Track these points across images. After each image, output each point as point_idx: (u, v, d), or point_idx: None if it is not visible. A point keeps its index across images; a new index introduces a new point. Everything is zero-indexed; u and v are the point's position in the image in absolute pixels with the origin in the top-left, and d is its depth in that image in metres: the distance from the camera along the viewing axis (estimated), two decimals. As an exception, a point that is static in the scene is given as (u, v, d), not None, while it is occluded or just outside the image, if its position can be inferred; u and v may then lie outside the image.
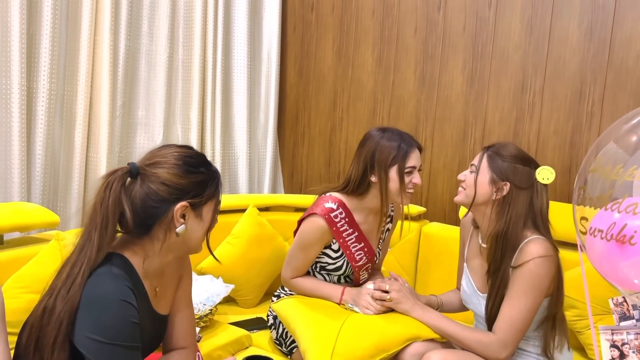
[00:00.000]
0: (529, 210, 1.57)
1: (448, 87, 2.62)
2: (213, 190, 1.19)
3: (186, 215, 1.15)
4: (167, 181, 1.12)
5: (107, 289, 1.05)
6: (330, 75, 2.95)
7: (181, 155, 1.16)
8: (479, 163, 1.63)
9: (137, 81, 2.48)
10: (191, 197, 1.14)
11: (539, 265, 1.50)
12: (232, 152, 2.87)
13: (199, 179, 1.16)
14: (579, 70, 2.32)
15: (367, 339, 1.57)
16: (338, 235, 1.81)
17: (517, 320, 1.51)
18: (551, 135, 2.39)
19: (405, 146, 1.76)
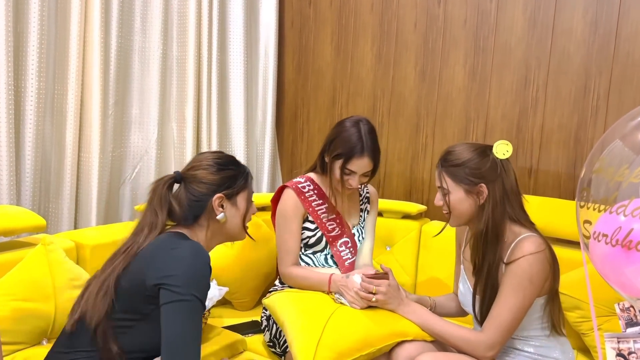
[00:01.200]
0: (504, 195, 1.53)
1: (449, 83, 2.56)
2: (243, 182, 1.46)
3: (224, 204, 1.41)
4: (204, 179, 1.40)
5: (199, 247, 1.30)
6: (329, 71, 2.90)
7: (213, 158, 1.44)
8: (442, 183, 1.58)
9: (130, 79, 2.43)
10: (224, 189, 1.41)
11: (531, 263, 1.46)
12: (229, 150, 2.82)
13: (229, 174, 1.43)
14: (584, 63, 2.26)
15: (354, 332, 1.55)
16: (307, 204, 1.89)
17: (506, 319, 1.47)
18: (555, 130, 2.34)
19: (355, 151, 1.81)
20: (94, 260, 1.73)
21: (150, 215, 1.38)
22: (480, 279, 1.55)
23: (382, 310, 1.63)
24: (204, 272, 1.28)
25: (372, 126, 1.87)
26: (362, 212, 2.04)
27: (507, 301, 1.47)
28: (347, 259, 1.91)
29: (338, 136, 1.85)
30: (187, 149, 2.57)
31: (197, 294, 1.22)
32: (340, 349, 1.51)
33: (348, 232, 1.94)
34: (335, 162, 1.85)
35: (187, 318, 1.21)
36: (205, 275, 1.28)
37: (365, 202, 2.06)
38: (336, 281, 1.74)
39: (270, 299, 1.76)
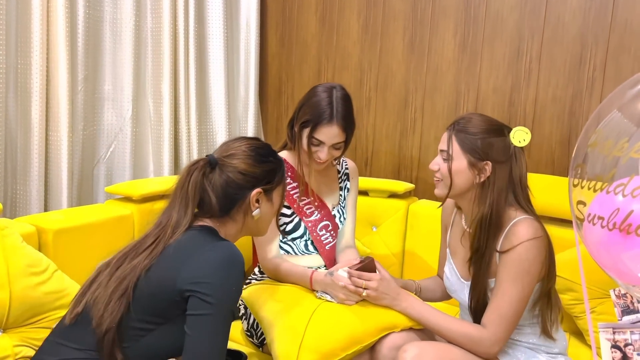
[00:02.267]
0: (509, 183, 1.43)
1: (439, 54, 2.45)
2: (280, 177, 1.36)
3: (260, 200, 1.32)
4: (244, 171, 1.28)
5: (237, 253, 1.19)
6: (314, 44, 2.77)
7: (253, 147, 1.33)
8: (449, 148, 1.46)
9: (101, 52, 2.30)
10: (264, 183, 1.31)
11: (529, 250, 1.37)
12: (209, 128, 2.70)
13: (269, 167, 1.33)
14: (579, 32, 2.15)
15: (339, 330, 1.44)
16: (288, 197, 1.74)
17: (507, 312, 1.38)
18: (549, 103, 2.24)
19: (323, 117, 1.65)
20: (58, 246, 1.62)
21: (180, 205, 1.24)
22: (479, 269, 1.44)
23: (367, 304, 1.52)
24: (239, 279, 1.18)
25: (346, 93, 1.73)
26: (341, 190, 1.89)
27: (507, 293, 1.37)
28: (328, 242, 1.80)
29: (308, 101, 1.70)
30: (165, 126, 2.45)
31: (230, 305, 1.15)
32: (324, 350, 1.41)
33: (328, 214, 1.81)
34: (303, 130, 1.69)
35: (215, 332, 1.13)
36: (239, 284, 1.19)
37: (345, 180, 1.91)
38: (319, 281, 1.59)
39: (247, 291, 1.65)
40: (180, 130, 2.54)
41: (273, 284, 1.69)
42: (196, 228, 1.26)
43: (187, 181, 1.26)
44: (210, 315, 1.11)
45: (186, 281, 1.13)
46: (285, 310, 1.52)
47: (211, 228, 1.28)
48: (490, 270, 1.44)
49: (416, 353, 1.36)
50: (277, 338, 1.46)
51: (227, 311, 1.14)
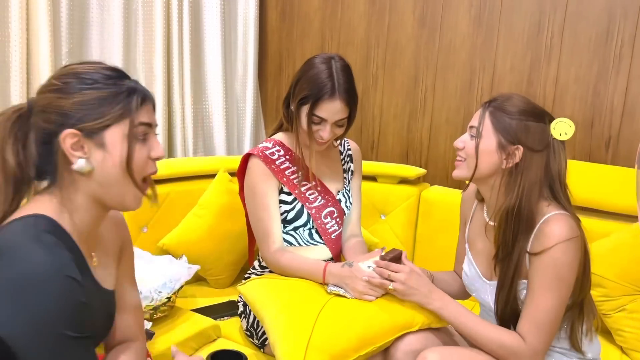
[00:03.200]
0: (544, 176, 1.28)
1: (452, 29, 2.30)
2: (118, 109, 0.94)
3: (85, 146, 0.93)
4: (47, 106, 0.93)
5: (41, 261, 0.83)
6: (317, 18, 2.60)
7: (70, 73, 0.95)
8: (480, 124, 1.31)
9: (87, 24, 2.13)
10: (79, 121, 0.92)
11: (565, 252, 1.21)
12: (205, 107, 2.54)
13: (90, 97, 0.93)
14: (607, 4, 2.01)
15: (351, 328, 1.30)
16: (280, 174, 1.61)
17: (544, 321, 1.23)
18: (571, 83, 2.10)
19: (324, 91, 1.50)
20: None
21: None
22: (508, 270, 1.29)
23: (382, 300, 1.38)
24: (47, 303, 0.81)
25: (346, 63, 1.58)
26: (345, 173, 1.75)
27: (543, 301, 1.23)
28: (334, 231, 1.65)
29: (305, 75, 1.54)
30: (157, 105, 2.29)
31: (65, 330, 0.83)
32: (334, 351, 1.26)
33: (332, 199, 1.66)
34: (301, 108, 1.54)
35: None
36: (65, 306, 0.83)
37: (348, 161, 1.76)
38: (335, 273, 1.43)
39: (246, 286, 1.49)
40: (174, 110, 2.39)
41: (275, 277, 1.54)
42: (22, 218, 0.91)
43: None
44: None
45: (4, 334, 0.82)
46: (289, 307, 1.37)
47: (39, 218, 0.91)
48: (521, 271, 1.29)
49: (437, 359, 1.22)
50: (280, 338, 1.31)
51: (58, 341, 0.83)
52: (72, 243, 0.94)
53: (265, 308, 1.39)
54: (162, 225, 1.89)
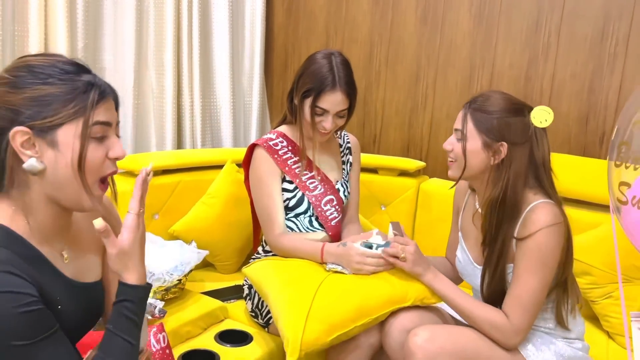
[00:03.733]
0: (530, 165, 1.35)
1: (453, 27, 2.35)
2: (72, 107, 0.87)
3: (37, 144, 0.87)
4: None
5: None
6: (322, 15, 2.67)
7: (22, 66, 0.88)
8: (463, 127, 1.38)
9: (101, 20, 2.20)
10: (30, 118, 0.86)
11: (548, 237, 1.29)
12: (213, 101, 2.62)
13: (42, 93, 0.86)
14: (603, 5, 2.05)
15: (348, 300, 1.39)
16: (283, 164, 1.68)
17: (528, 302, 1.31)
18: (568, 79, 2.15)
19: (326, 84, 1.59)
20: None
21: None
22: (492, 253, 1.38)
23: (376, 276, 1.47)
24: (7, 322, 0.80)
25: (345, 58, 1.67)
26: (344, 164, 1.84)
27: (528, 283, 1.31)
28: (334, 218, 1.74)
29: (307, 69, 1.63)
30: (167, 99, 2.37)
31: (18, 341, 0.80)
32: (332, 321, 1.36)
33: (332, 188, 1.75)
34: (304, 101, 1.63)
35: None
36: (9, 321, 0.80)
37: (347, 153, 1.85)
38: (332, 252, 1.53)
39: (251, 268, 1.59)
40: (183, 103, 2.46)
41: (277, 259, 1.63)
42: None
43: None
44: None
45: None
46: (291, 283, 1.46)
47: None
48: (508, 256, 1.37)
49: (427, 337, 1.31)
50: (283, 310, 1.40)
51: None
52: (28, 247, 0.90)
53: (268, 286, 1.48)
54: (173, 212, 1.98)
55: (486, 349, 1.34)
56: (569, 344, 1.43)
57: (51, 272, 0.94)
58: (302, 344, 1.32)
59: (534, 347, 1.39)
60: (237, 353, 1.53)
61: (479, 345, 1.34)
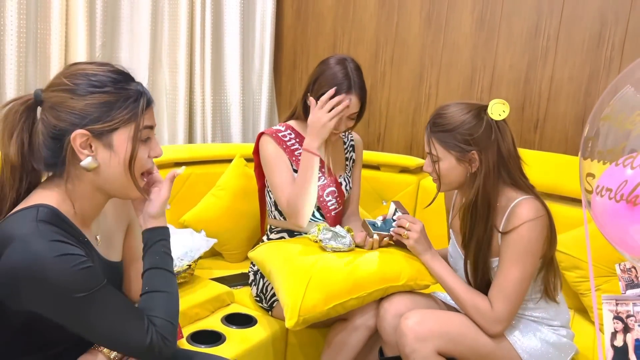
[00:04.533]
0: (499, 160, 1.41)
1: (456, 30, 2.43)
2: (126, 113, 1.00)
3: (93, 145, 0.99)
4: (58, 106, 0.97)
5: (38, 252, 0.92)
6: (330, 16, 2.76)
7: (79, 74, 0.99)
8: (432, 149, 1.45)
9: (118, 20, 2.31)
10: (90, 122, 0.97)
11: (531, 230, 1.37)
12: (224, 98, 2.72)
13: (101, 100, 0.98)
14: (599, 11, 2.12)
15: (344, 274, 1.50)
16: (290, 154, 1.78)
17: (511, 292, 1.40)
18: (565, 82, 2.22)
19: (342, 88, 1.69)
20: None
21: (4, 160, 1.00)
22: (469, 252, 1.48)
23: (373, 255, 1.58)
24: (50, 284, 0.92)
25: (358, 64, 1.77)
26: (347, 161, 1.94)
27: (510, 272, 1.39)
28: (334, 208, 1.83)
29: (322, 74, 1.73)
30: (180, 95, 2.48)
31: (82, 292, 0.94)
32: (329, 291, 1.47)
33: (334, 180, 1.85)
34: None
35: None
36: (71, 277, 0.93)
37: (351, 151, 1.96)
38: (312, 145, 1.69)
39: (255, 251, 1.70)
40: (195, 100, 2.56)
41: (279, 242, 1.74)
42: (28, 208, 0.98)
43: (4, 128, 1.00)
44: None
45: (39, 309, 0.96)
46: (292, 259, 1.57)
47: (42, 208, 0.98)
48: (492, 250, 1.45)
49: (418, 320, 1.41)
50: (284, 282, 1.51)
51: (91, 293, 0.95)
52: (73, 228, 1.02)
53: (271, 263, 1.60)
54: (184, 203, 2.09)
55: (472, 333, 1.43)
56: (554, 331, 1.51)
57: (90, 249, 1.06)
58: (300, 310, 1.42)
59: (520, 334, 1.48)
60: (242, 334, 1.63)
61: (465, 330, 1.43)
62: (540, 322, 1.51)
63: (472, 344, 1.43)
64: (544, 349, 1.47)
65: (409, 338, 1.39)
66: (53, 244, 0.93)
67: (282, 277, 1.52)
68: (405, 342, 1.40)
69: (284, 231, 1.84)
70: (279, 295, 1.51)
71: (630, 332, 1.00)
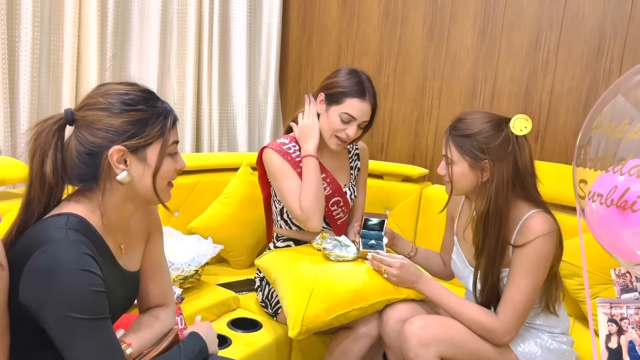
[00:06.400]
0: (515, 173, 1.43)
1: (457, 42, 2.48)
2: (158, 130, 1.07)
3: (128, 160, 1.06)
4: (96, 124, 1.03)
5: (64, 257, 0.96)
6: (334, 29, 2.82)
7: (112, 93, 1.06)
8: (447, 152, 1.49)
9: (128, 32, 2.37)
10: (127, 138, 1.04)
11: (543, 244, 1.40)
12: (230, 108, 2.77)
13: (136, 118, 1.05)
14: (598, 24, 2.17)
15: (348, 285, 1.53)
16: (295, 165, 1.80)
17: (521, 302, 1.42)
18: (565, 94, 2.26)
19: (358, 94, 1.74)
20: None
21: (34, 177, 1.05)
22: (480, 263, 1.48)
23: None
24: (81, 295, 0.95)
25: (369, 77, 1.83)
26: (352, 170, 1.97)
27: (521, 285, 1.41)
28: (339, 218, 1.87)
29: (336, 80, 1.78)
30: (187, 106, 2.53)
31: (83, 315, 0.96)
32: (332, 301, 1.50)
33: (339, 190, 1.88)
34: (332, 108, 1.77)
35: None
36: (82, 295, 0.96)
37: (356, 160, 1.99)
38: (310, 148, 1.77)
39: (262, 259, 1.75)
40: (202, 111, 2.62)
41: (285, 250, 1.78)
42: (60, 229, 1.01)
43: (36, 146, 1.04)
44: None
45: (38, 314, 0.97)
46: (296, 268, 1.61)
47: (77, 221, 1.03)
48: (503, 261, 1.47)
49: (421, 325, 1.44)
50: (288, 290, 1.54)
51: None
52: (99, 239, 1.06)
53: (276, 271, 1.63)
54: (191, 210, 2.13)
55: (475, 339, 1.46)
56: (555, 338, 1.54)
57: (111, 261, 1.11)
58: (303, 319, 1.46)
59: (521, 340, 1.50)
60: (247, 338, 1.67)
61: (468, 335, 1.46)
62: (540, 329, 1.53)
63: (474, 350, 1.45)
64: (545, 356, 1.49)
65: (412, 343, 1.42)
66: (81, 256, 0.97)
67: (286, 286, 1.56)
68: (408, 347, 1.43)
69: (290, 240, 1.88)
70: (283, 304, 1.55)
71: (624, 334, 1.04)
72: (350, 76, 1.77)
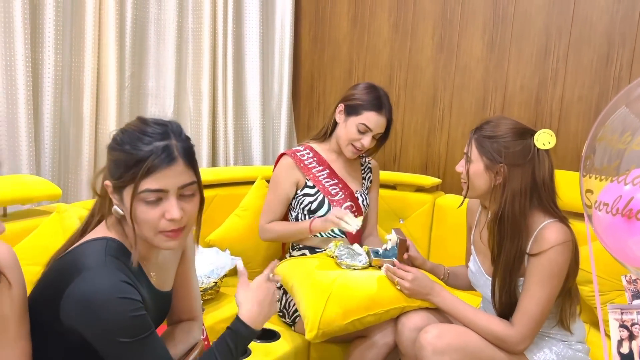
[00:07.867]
0: (532, 184, 1.45)
1: (467, 53, 2.52)
2: (130, 174, 1.01)
3: (116, 196, 1.06)
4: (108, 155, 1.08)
5: (102, 287, 0.98)
6: (345, 43, 2.87)
7: (124, 129, 1.08)
8: (469, 150, 1.53)
9: (146, 51, 2.45)
10: (111, 176, 1.06)
11: (559, 254, 1.42)
12: (245, 123, 2.83)
13: (118, 158, 1.04)
14: (607, 32, 2.19)
15: (363, 291, 1.58)
16: (307, 171, 1.94)
17: (536, 312, 1.44)
18: (575, 102, 2.29)
19: (375, 107, 1.86)
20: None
21: (92, 209, 1.16)
22: (497, 269, 1.50)
23: None
24: (122, 322, 0.99)
25: (386, 92, 1.94)
26: (364, 180, 2.06)
27: (536, 294, 1.43)
28: None
29: (355, 94, 1.90)
30: (203, 121, 2.59)
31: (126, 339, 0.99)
32: (348, 306, 1.54)
33: (351, 195, 1.96)
34: (350, 119, 1.89)
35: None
36: (123, 322, 0.99)
37: (368, 172, 2.07)
38: (318, 225, 1.82)
39: (278, 267, 1.78)
40: (218, 125, 2.68)
41: (301, 258, 1.84)
42: (97, 240, 1.07)
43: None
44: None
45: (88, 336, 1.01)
46: (313, 274, 1.66)
47: (109, 241, 1.07)
48: (519, 271, 1.49)
49: (436, 334, 1.46)
50: (305, 295, 1.59)
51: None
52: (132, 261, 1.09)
53: (293, 278, 1.68)
54: (209, 223, 2.18)
55: (490, 347, 1.48)
56: (570, 346, 1.55)
57: (146, 281, 1.15)
58: (320, 323, 1.50)
59: (537, 348, 1.52)
60: (266, 348, 1.70)
61: (483, 344, 1.48)
62: (556, 338, 1.55)
63: (489, 358, 1.47)
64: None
65: (427, 351, 1.44)
66: (119, 285, 1.00)
67: (303, 291, 1.60)
68: (424, 355, 1.45)
69: (305, 248, 1.93)
70: (300, 308, 1.59)
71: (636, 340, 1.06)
72: (369, 90, 1.88)
